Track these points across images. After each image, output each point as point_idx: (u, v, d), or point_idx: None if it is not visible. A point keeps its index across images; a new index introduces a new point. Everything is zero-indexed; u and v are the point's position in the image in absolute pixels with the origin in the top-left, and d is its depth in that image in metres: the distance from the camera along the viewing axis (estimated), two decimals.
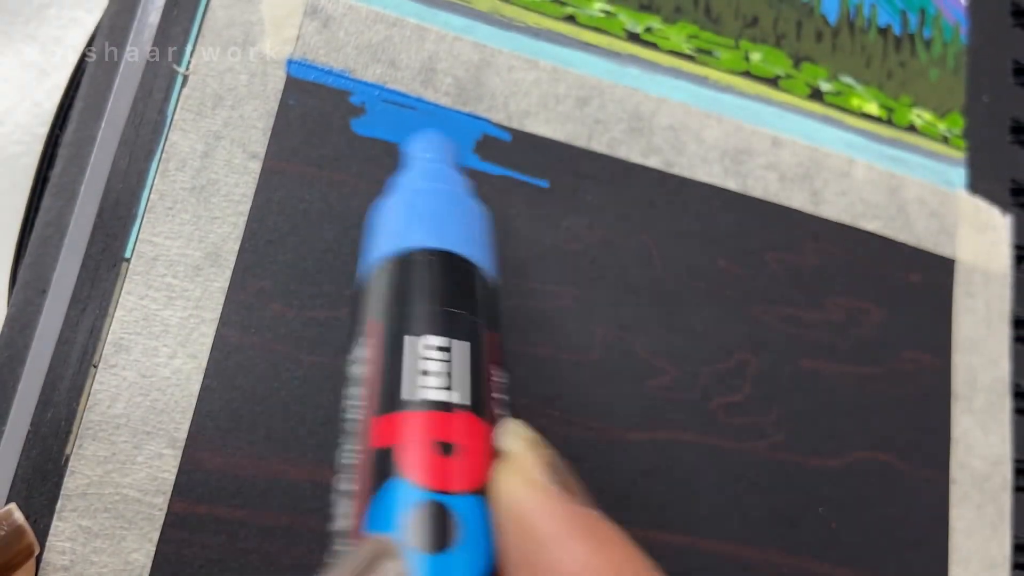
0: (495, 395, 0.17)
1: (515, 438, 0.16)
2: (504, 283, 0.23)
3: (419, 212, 0.19)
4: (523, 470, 0.15)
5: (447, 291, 0.17)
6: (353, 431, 0.16)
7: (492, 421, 0.16)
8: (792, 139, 0.27)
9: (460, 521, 0.14)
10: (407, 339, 0.16)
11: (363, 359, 0.17)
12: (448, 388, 0.16)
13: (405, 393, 0.16)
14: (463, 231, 0.19)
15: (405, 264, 0.18)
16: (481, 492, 0.15)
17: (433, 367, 0.16)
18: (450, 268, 0.18)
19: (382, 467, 0.15)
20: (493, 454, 0.16)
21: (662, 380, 0.24)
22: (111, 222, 0.21)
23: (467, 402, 0.16)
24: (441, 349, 0.16)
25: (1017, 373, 0.28)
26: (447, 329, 0.17)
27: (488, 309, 0.18)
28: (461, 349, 0.16)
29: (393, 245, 0.18)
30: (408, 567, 0.13)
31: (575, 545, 0.14)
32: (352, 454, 0.16)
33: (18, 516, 0.19)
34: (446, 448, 0.15)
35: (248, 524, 0.20)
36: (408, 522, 0.14)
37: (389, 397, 0.16)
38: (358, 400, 0.17)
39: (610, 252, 0.24)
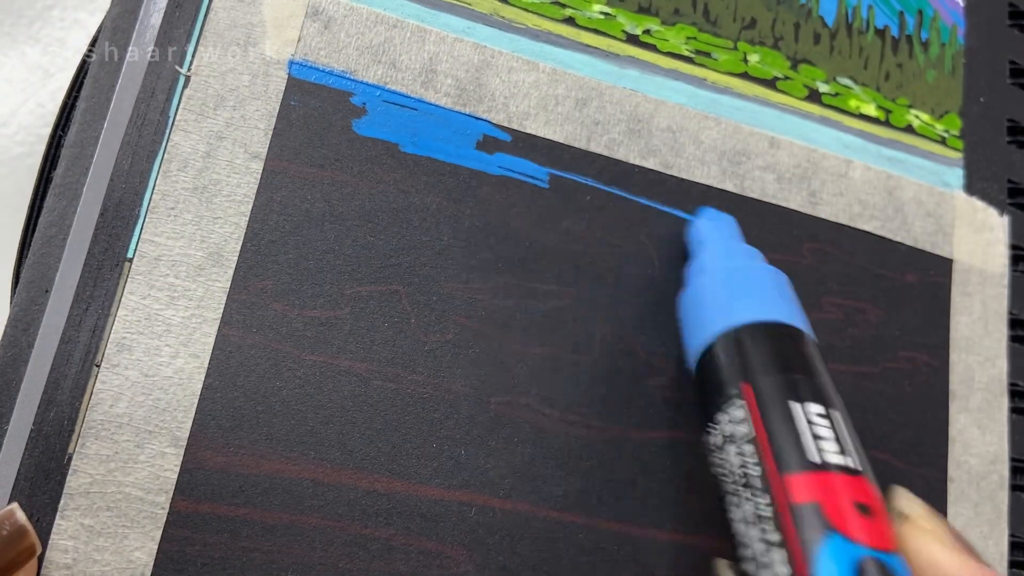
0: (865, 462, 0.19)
1: (914, 503, 0.17)
2: (504, 283, 0.24)
3: (780, 292, 0.21)
4: (935, 533, 0.16)
5: (818, 366, 0.20)
6: (761, 486, 0.18)
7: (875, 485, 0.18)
8: (790, 140, 0.27)
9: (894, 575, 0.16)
10: (796, 406, 0.18)
11: (746, 419, 0.19)
12: (843, 453, 0.18)
13: (815, 457, 0.17)
14: (799, 309, 0.21)
15: (779, 334, 0.20)
16: (896, 551, 0.17)
17: (824, 432, 0.18)
18: (809, 345, 0.20)
19: (815, 523, 0.17)
20: (889, 516, 0.18)
21: (662, 380, 0.24)
22: (114, 222, 0.21)
23: (862, 467, 0.18)
24: (826, 417, 0.18)
25: (1014, 372, 0.28)
26: (825, 398, 0.19)
27: (831, 379, 0.20)
28: (837, 417, 0.19)
29: (764, 315, 0.20)
30: None
31: None
32: (769, 508, 0.17)
33: (20, 516, 0.19)
34: (865, 509, 0.17)
35: (250, 522, 0.20)
36: (868, 574, 0.16)
37: (799, 458, 0.17)
38: (757, 457, 0.18)
39: (610, 252, 0.25)
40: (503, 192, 0.24)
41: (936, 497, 0.26)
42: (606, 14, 0.26)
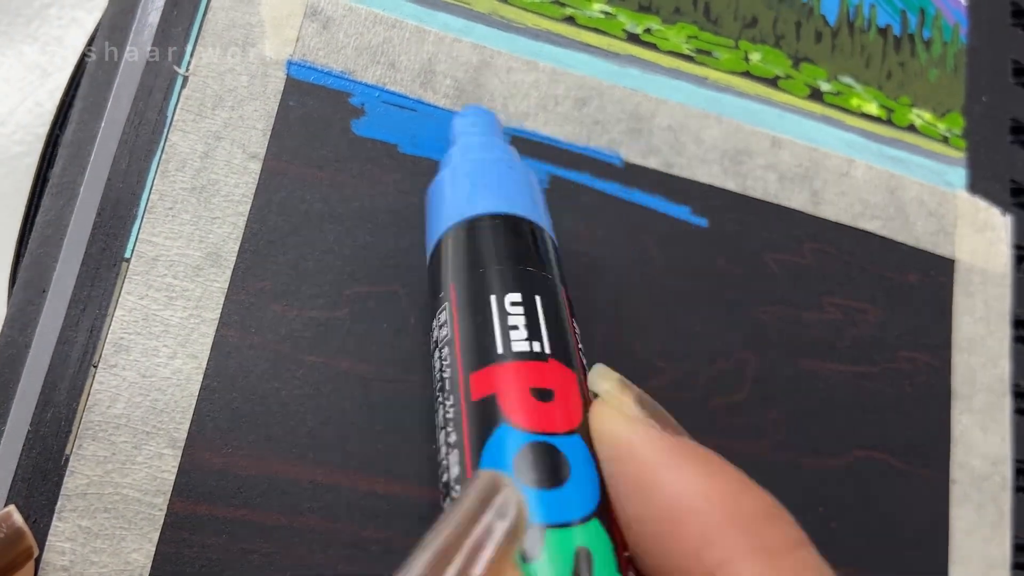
0: (579, 345, 0.18)
1: (604, 380, 0.16)
2: None
3: (485, 181, 0.20)
4: (620, 407, 0.15)
5: (521, 251, 0.19)
6: (450, 388, 0.17)
7: (578, 368, 0.17)
8: (791, 139, 0.27)
9: (568, 459, 0.15)
10: (492, 299, 0.18)
11: (448, 322, 0.18)
12: (536, 339, 0.17)
13: (499, 348, 0.17)
14: (524, 196, 0.20)
15: (477, 229, 0.19)
16: (580, 432, 0.16)
17: (519, 321, 0.17)
18: (520, 230, 0.19)
19: (486, 416, 0.16)
20: (585, 398, 0.17)
21: (661, 380, 0.24)
22: (111, 222, 0.21)
23: (553, 351, 0.17)
24: (523, 304, 0.17)
25: (1017, 373, 0.28)
26: (525, 286, 0.18)
27: (557, 265, 0.19)
28: (541, 304, 0.18)
29: (463, 213, 0.19)
30: (521, 494, 0.13)
31: (686, 468, 0.14)
32: (453, 409, 0.17)
33: (17, 518, 0.19)
34: (544, 394, 0.16)
35: (248, 524, 0.20)
36: (522, 463, 0.15)
37: (484, 353, 0.17)
38: (451, 359, 0.17)
39: (610, 252, 0.24)
40: None
41: (938, 499, 0.26)
42: (606, 13, 0.26)
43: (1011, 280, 0.28)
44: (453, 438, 0.17)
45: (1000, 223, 0.29)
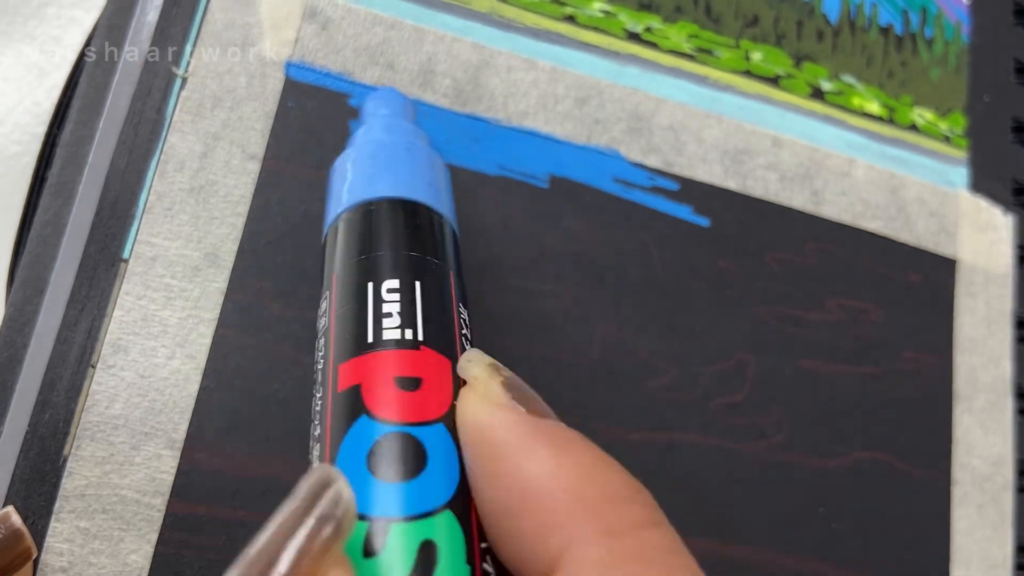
0: (462, 332, 0.17)
1: (473, 365, 0.16)
2: (504, 283, 0.23)
3: (375, 164, 0.19)
4: (482, 391, 0.15)
5: (401, 235, 0.18)
6: (321, 380, 0.17)
7: (457, 356, 0.17)
8: (792, 139, 0.27)
9: (427, 449, 0.15)
10: (369, 286, 0.17)
11: (327, 311, 0.17)
12: (410, 327, 0.16)
13: (370, 337, 0.16)
14: (415, 179, 0.19)
15: (362, 215, 0.18)
16: (446, 421, 0.15)
17: (394, 308, 0.16)
18: (404, 214, 0.18)
19: (348, 408, 0.15)
20: (457, 385, 0.16)
21: (662, 380, 0.24)
22: (109, 222, 0.21)
23: (427, 338, 0.16)
24: (400, 291, 0.17)
25: (1018, 373, 0.28)
26: (404, 272, 0.17)
27: (446, 250, 0.18)
28: (420, 289, 0.17)
29: (350, 199, 0.19)
30: (348, 488, 0.13)
31: (539, 451, 0.13)
32: (320, 401, 0.16)
33: (16, 519, 0.19)
34: (410, 383, 0.16)
35: (247, 525, 0.20)
36: (376, 455, 0.15)
37: (354, 342, 0.16)
38: (324, 350, 0.17)
39: (610, 252, 0.24)
40: (503, 192, 0.24)
41: (939, 499, 0.26)
42: (606, 12, 0.26)
43: (1013, 280, 0.28)
44: (318, 431, 0.16)
45: (1002, 223, 0.29)
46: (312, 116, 0.23)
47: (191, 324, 0.21)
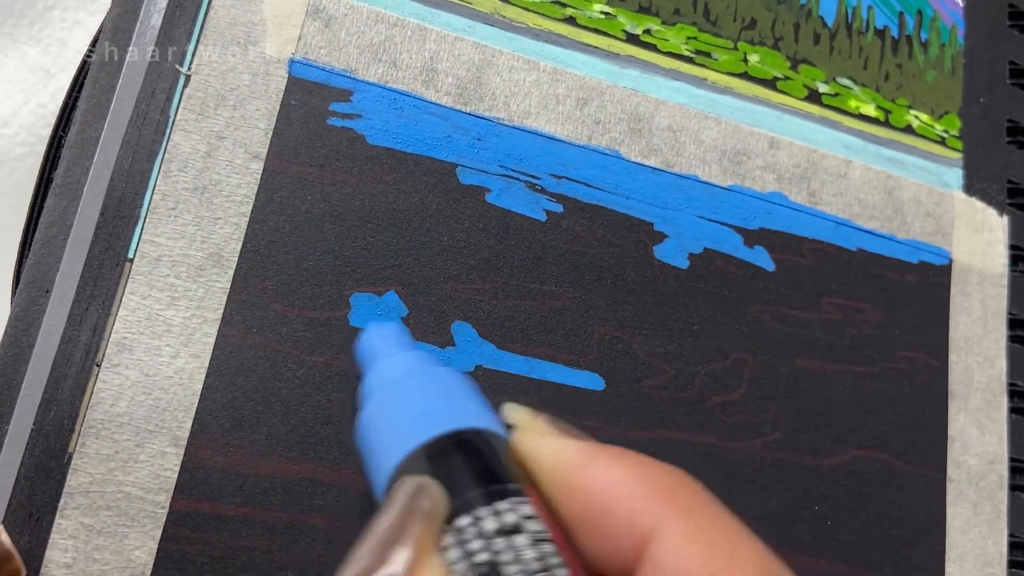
0: None
1: (516, 412, 0.17)
2: (504, 283, 0.24)
3: (441, 395, 0.17)
4: (536, 429, 0.16)
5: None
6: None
7: None
8: (790, 140, 0.27)
9: None
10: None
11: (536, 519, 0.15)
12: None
13: None
14: (476, 404, 0.17)
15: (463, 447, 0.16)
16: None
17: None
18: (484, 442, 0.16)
19: None
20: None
21: (660, 379, 0.24)
22: (114, 222, 0.21)
23: None
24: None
25: (1013, 372, 0.28)
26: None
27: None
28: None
29: (431, 431, 0.16)
30: (440, 488, 0.14)
31: (604, 462, 0.15)
32: None
33: (5, 539, 0.19)
34: None
35: (250, 522, 0.20)
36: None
37: None
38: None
39: (610, 252, 0.25)
40: (503, 192, 0.24)
41: (935, 497, 0.26)
42: (606, 14, 0.26)
43: (1008, 280, 0.29)
44: None
45: (997, 223, 0.29)
46: (315, 114, 0.23)
47: (195, 323, 0.21)
